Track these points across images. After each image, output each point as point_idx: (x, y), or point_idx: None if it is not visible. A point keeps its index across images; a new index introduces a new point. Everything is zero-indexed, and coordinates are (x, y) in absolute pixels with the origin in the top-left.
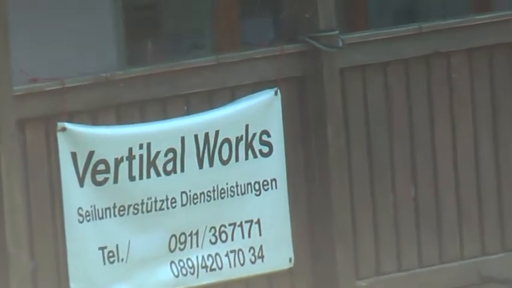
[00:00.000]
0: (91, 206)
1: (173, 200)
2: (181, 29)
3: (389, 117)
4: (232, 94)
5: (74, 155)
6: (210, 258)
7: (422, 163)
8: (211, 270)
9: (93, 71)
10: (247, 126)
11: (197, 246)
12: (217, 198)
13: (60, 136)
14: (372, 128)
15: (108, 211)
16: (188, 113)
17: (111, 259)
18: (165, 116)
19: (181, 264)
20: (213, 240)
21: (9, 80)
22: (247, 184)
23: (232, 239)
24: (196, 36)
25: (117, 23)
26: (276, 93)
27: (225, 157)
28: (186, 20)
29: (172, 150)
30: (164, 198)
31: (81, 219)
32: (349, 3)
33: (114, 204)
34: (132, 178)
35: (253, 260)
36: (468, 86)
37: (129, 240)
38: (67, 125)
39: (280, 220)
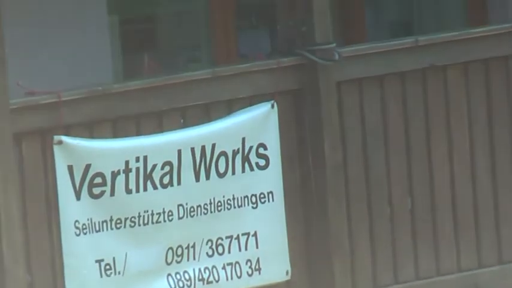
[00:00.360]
0: (88, 219)
1: (170, 213)
2: (177, 43)
3: (386, 130)
4: (229, 107)
5: (70, 168)
6: (206, 271)
7: (419, 176)
8: (208, 283)
9: (90, 85)
10: (243, 139)
11: (194, 258)
12: (214, 211)
13: (56, 149)
14: (369, 140)
15: (104, 224)
16: (184, 126)
17: (108, 272)
18: (161, 129)
19: (178, 276)
20: (210, 253)
21: (6, 93)
22: (244, 197)
23: (229, 252)
24: (193, 50)
25: (114, 36)
26: (272, 106)
27: (221, 170)
28: (182, 33)
29: (169, 163)
30: (161, 211)
31: (77, 232)
32: (345, 16)
33: (111, 217)
34: (128, 191)
35: (250, 272)
36: (464, 99)
37: (126, 253)
38: (63, 138)
39: (277, 233)
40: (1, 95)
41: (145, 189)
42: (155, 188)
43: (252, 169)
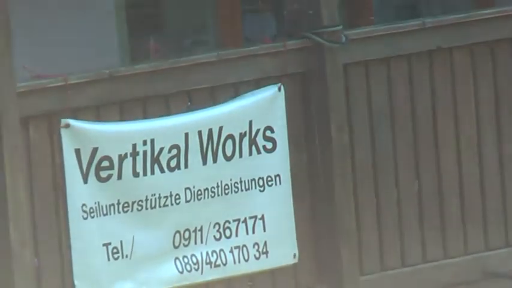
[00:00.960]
0: (95, 203)
1: (177, 196)
2: (183, 26)
3: (392, 112)
4: (236, 90)
5: (77, 152)
6: (214, 254)
7: (426, 158)
8: (216, 266)
9: (96, 68)
10: (250, 122)
11: (201, 242)
12: (221, 194)
13: (63, 133)
14: (375, 123)
15: (112, 207)
16: (191, 109)
17: (115, 255)
18: (168, 112)
19: (186, 260)
20: (217, 236)
21: (12, 77)
22: (251, 180)
23: (237, 235)
24: (199, 33)
25: (120, 20)
26: (279, 89)
27: (228, 153)
28: (188, 16)
29: (176, 146)
30: (168, 194)
31: (85, 215)
32: None
33: (118, 200)
34: (136, 174)
35: (257, 255)
36: (471, 81)
37: (133, 237)
38: (71, 121)
39: (284, 216)
40: (8, 78)
41: (152, 172)
42: (162, 171)
43: (259, 152)
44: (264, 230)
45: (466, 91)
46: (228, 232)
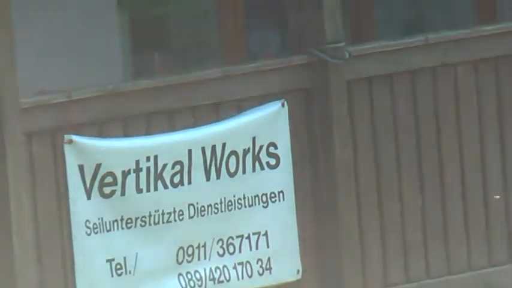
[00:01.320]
0: (98, 219)
1: (180, 213)
2: (187, 41)
3: (396, 128)
4: (239, 106)
5: (81, 168)
6: (217, 271)
7: (429, 173)
8: (219, 282)
9: (100, 83)
10: (254, 139)
11: (205, 258)
12: (225, 210)
13: (67, 148)
14: (379, 138)
15: (115, 223)
16: (195, 125)
17: (119, 271)
18: (171, 128)
19: (189, 276)
20: (221, 252)
21: (17, 93)
22: (255, 196)
23: (240, 251)
24: (204, 48)
25: (124, 35)
26: (282, 105)
27: (232, 169)
28: (192, 32)
29: (179, 162)
30: (172, 210)
31: (88, 231)
32: (355, 14)
33: (122, 216)
34: (139, 190)
35: (261, 272)
36: (474, 96)
37: (137, 253)
38: (74, 137)
39: (288, 232)
40: (12, 94)
41: (156, 188)
42: (166, 187)
43: (262, 168)
44: (268, 246)
45: (469, 106)
46: (231, 248)
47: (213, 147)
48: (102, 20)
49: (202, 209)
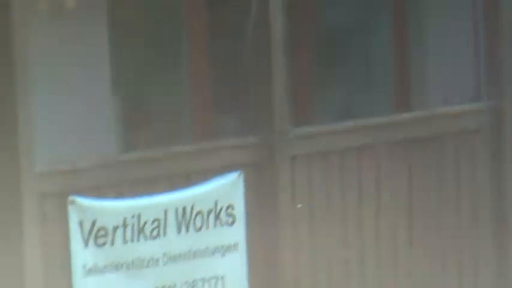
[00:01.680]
0: (93, 264)
1: (157, 259)
2: (166, 122)
3: (328, 198)
4: (205, 176)
5: (81, 223)
6: None
7: (353, 234)
8: None
9: (96, 155)
10: (216, 201)
11: None
12: (192, 258)
13: (70, 207)
14: (314, 205)
15: (107, 267)
16: (170, 190)
17: None
18: (152, 192)
19: None
20: None
21: (33, 161)
22: (215, 247)
23: None
24: (179, 120)
25: (117, 113)
26: (239, 175)
27: (198, 225)
28: (169, 111)
29: (157, 220)
30: (150, 257)
31: (85, 274)
32: (298, 100)
33: (112, 262)
34: (125, 242)
35: None
36: (390, 173)
37: None
38: (76, 198)
39: (240, 276)
40: (29, 163)
41: (138, 240)
42: (146, 239)
43: (222, 225)
44: None
45: (388, 181)
46: None
47: (184, 208)
48: (96, 99)
49: (174, 256)
